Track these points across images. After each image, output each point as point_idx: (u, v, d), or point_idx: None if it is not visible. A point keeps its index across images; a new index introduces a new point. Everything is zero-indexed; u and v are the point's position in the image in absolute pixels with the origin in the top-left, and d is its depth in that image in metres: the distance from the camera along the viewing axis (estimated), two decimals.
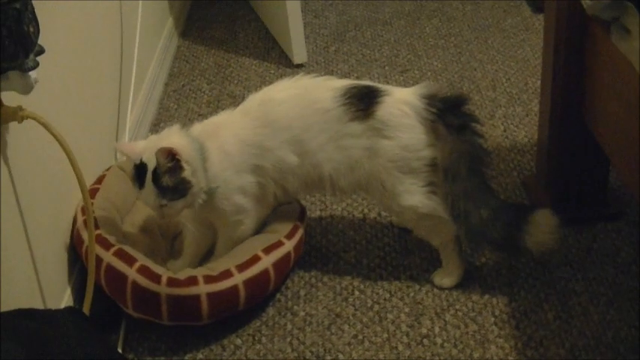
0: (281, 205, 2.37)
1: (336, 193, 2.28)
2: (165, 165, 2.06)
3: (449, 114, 2.16)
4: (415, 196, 2.19)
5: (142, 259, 2.16)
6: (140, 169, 2.10)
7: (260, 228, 2.32)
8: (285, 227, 2.31)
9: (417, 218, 2.24)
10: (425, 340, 2.16)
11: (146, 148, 2.12)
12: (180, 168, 2.08)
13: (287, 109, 2.19)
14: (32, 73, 1.74)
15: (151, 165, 2.08)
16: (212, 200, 2.19)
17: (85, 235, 2.17)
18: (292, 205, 2.40)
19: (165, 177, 2.07)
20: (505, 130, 2.98)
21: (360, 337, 2.19)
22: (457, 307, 2.25)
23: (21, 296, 1.88)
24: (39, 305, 1.99)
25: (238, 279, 2.13)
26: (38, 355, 1.44)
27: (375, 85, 2.25)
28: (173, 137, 2.15)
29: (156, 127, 3.20)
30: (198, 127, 2.23)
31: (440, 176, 2.18)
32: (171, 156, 2.06)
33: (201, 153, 2.14)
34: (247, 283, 2.14)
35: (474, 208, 2.16)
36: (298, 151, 2.19)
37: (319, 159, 2.20)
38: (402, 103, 2.16)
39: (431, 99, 2.16)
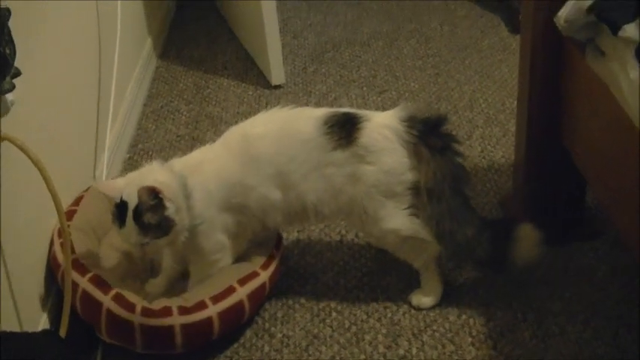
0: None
1: (318, 220, 2.28)
2: (148, 203, 2.04)
3: (430, 135, 2.16)
4: (397, 220, 2.20)
5: (117, 287, 2.15)
6: (121, 208, 2.07)
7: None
8: (261, 257, 2.30)
9: (400, 241, 2.24)
10: None
11: (126, 185, 2.09)
12: (163, 206, 2.06)
13: (268, 144, 2.17)
14: (8, 96, 1.74)
15: (132, 203, 2.05)
16: (193, 237, 2.18)
17: (61, 259, 2.16)
18: (268, 232, 2.37)
19: (148, 215, 2.05)
20: (482, 151, 2.99)
21: (338, 358, 2.18)
22: (434, 327, 2.25)
23: None
24: (15, 328, 1.98)
25: (212, 310, 2.12)
26: None
27: (354, 111, 2.24)
28: (156, 174, 2.12)
29: (134, 147, 3.19)
30: (179, 163, 2.21)
31: (422, 198, 2.18)
32: (154, 194, 2.04)
33: (184, 190, 2.12)
34: (222, 314, 2.14)
35: (458, 227, 2.17)
36: (282, 185, 2.18)
37: (303, 189, 2.19)
38: (383, 127, 2.16)
39: (411, 121, 2.17)
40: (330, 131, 2.16)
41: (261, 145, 2.17)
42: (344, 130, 2.16)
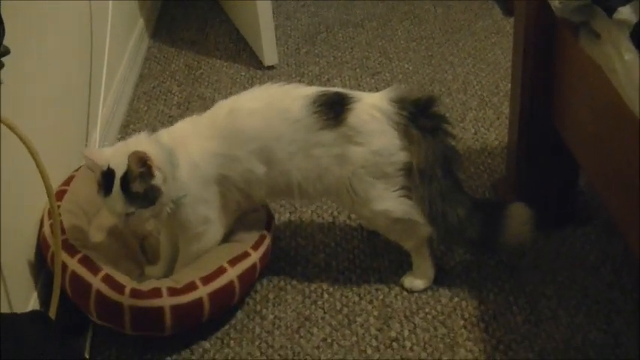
0: (248, 213, 2.35)
1: (303, 199, 2.27)
2: (137, 170, 2.03)
3: (421, 116, 2.15)
4: (388, 201, 2.19)
5: (106, 268, 2.14)
6: (107, 176, 2.05)
7: (226, 236, 2.30)
8: (252, 237, 2.29)
9: (391, 222, 2.23)
10: (394, 344, 2.16)
11: (114, 154, 2.08)
12: (151, 175, 2.04)
13: (255, 120, 2.16)
14: None
15: (119, 171, 2.04)
16: (177, 210, 2.16)
17: (51, 240, 2.15)
18: (259, 213, 2.38)
19: (136, 183, 2.03)
20: (476, 133, 2.99)
21: (329, 340, 2.18)
22: (426, 310, 2.25)
23: None
24: (5, 309, 1.97)
25: (203, 292, 2.11)
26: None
27: (345, 91, 2.23)
28: (143, 144, 2.10)
29: (126, 128, 3.18)
30: (165, 134, 2.20)
31: (414, 179, 2.18)
32: (143, 162, 2.03)
33: (170, 161, 2.11)
34: (212, 295, 2.13)
35: (450, 208, 2.17)
36: (266, 161, 2.17)
37: (288, 168, 2.18)
38: (373, 108, 2.15)
39: (401, 102, 2.16)
40: (318, 111, 2.14)
41: (247, 120, 2.16)
42: (332, 110, 2.15)
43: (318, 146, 2.16)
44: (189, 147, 2.16)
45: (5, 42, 1.74)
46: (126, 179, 2.03)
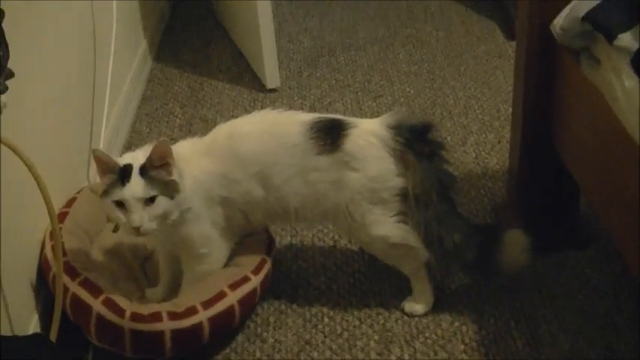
0: (248, 237, 2.35)
1: (301, 223, 2.28)
2: (156, 163, 2.03)
3: (417, 142, 2.16)
4: (385, 226, 2.19)
5: (107, 291, 2.14)
6: (124, 170, 2.02)
7: (227, 260, 2.30)
8: (252, 261, 2.29)
9: (388, 248, 2.23)
10: None
11: (125, 158, 2.09)
12: (169, 172, 2.05)
13: (253, 144, 2.17)
14: (1, 97, 1.73)
15: (137, 162, 2.03)
16: (182, 227, 2.16)
17: (52, 262, 2.16)
18: (260, 236, 2.38)
19: (155, 171, 2.03)
20: (477, 157, 2.99)
21: None
22: (426, 334, 2.25)
23: None
24: (6, 331, 1.97)
25: (203, 316, 2.11)
26: None
27: (342, 117, 2.24)
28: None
29: (128, 150, 3.17)
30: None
31: (410, 204, 2.18)
32: (163, 156, 2.03)
33: (179, 169, 2.10)
34: (212, 319, 2.12)
35: (446, 233, 2.17)
36: (264, 185, 2.18)
37: (285, 193, 2.19)
38: (369, 134, 2.16)
39: (398, 128, 2.16)
40: (315, 136, 2.15)
41: (245, 145, 2.17)
42: (329, 135, 2.16)
43: (314, 171, 2.16)
44: (192, 164, 2.16)
45: (9, 65, 1.75)
46: (144, 168, 2.03)
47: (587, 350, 2.15)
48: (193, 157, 2.19)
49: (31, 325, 2.13)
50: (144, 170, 2.03)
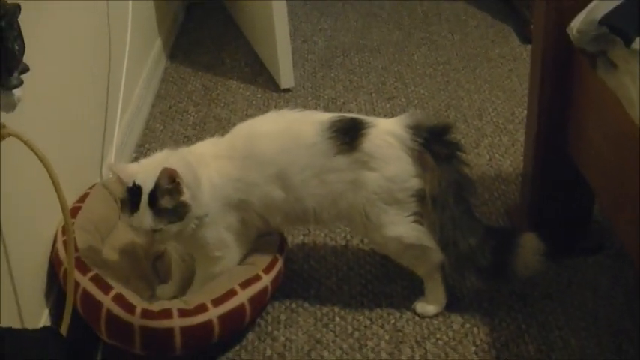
0: (261, 236, 2.34)
1: (318, 224, 2.28)
2: (165, 187, 2.03)
3: (435, 143, 2.15)
4: (400, 227, 2.19)
5: (118, 287, 2.14)
6: (133, 193, 2.05)
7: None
8: (264, 260, 2.29)
9: (403, 248, 2.23)
10: None
11: (139, 171, 2.08)
12: (180, 191, 2.05)
13: (272, 144, 2.16)
14: (16, 91, 1.73)
15: (147, 187, 2.04)
16: (199, 230, 2.16)
17: (63, 257, 2.16)
18: (272, 236, 2.37)
19: (165, 199, 2.04)
20: (490, 160, 2.99)
21: None
22: (438, 335, 2.24)
23: None
24: (17, 324, 1.97)
25: (213, 313, 2.11)
26: None
27: (360, 117, 2.23)
28: (171, 160, 2.10)
29: (141, 147, 3.19)
30: (188, 152, 2.20)
31: (426, 206, 2.18)
32: (172, 179, 2.03)
33: (195, 179, 2.11)
34: (222, 317, 2.12)
35: (461, 236, 2.16)
36: (282, 186, 2.18)
37: (303, 194, 2.18)
38: (388, 134, 2.15)
39: (416, 129, 2.16)
40: (333, 136, 2.15)
41: (263, 145, 2.16)
42: (348, 135, 2.15)
43: (332, 172, 2.16)
44: (210, 168, 2.16)
45: (24, 60, 1.75)
46: (154, 195, 2.03)
47: (598, 355, 2.15)
48: (212, 159, 2.18)
49: (41, 319, 2.13)
50: (153, 199, 2.03)
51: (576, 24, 2.04)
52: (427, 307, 2.31)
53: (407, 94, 3.51)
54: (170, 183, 2.03)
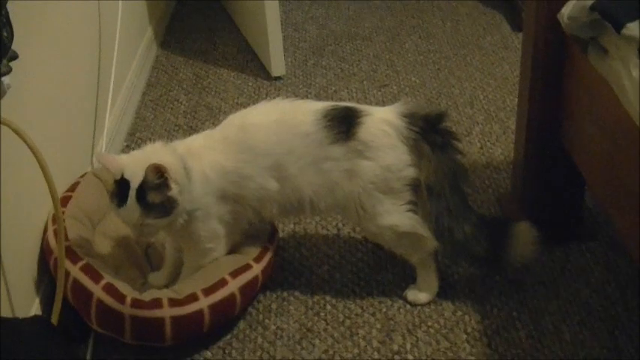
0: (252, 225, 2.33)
1: (314, 214, 2.27)
2: (153, 182, 2.02)
3: (431, 132, 2.15)
4: (395, 216, 2.18)
5: (108, 277, 2.13)
6: (122, 186, 2.05)
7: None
8: (254, 249, 2.29)
9: (397, 237, 2.22)
10: (396, 357, 2.15)
11: (129, 163, 2.07)
12: (168, 186, 2.04)
13: (267, 135, 2.15)
14: (5, 79, 1.73)
15: (135, 181, 2.03)
16: (190, 223, 2.16)
17: (54, 246, 2.15)
18: (263, 225, 2.36)
19: (152, 194, 2.03)
20: (482, 148, 2.98)
21: (331, 352, 2.17)
22: (429, 323, 2.24)
23: None
24: (7, 313, 1.97)
25: (204, 303, 2.11)
26: None
27: (355, 105, 2.22)
28: (160, 154, 2.10)
29: (132, 136, 3.18)
30: (181, 145, 2.19)
31: (421, 195, 2.17)
32: (160, 173, 2.02)
33: (186, 173, 2.10)
34: (213, 307, 2.12)
35: (457, 224, 2.16)
36: (278, 177, 2.16)
37: (299, 183, 2.17)
38: (383, 122, 2.14)
39: (412, 117, 2.15)
40: (329, 125, 2.14)
41: (258, 136, 2.15)
42: (343, 124, 2.14)
43: (328, 160, 2.15)
44: (203, 161, 2.15)
45: (13, 47, 1.75)
46: (142, 190, 2.03)
47: (590, 342, 2.15)
48: (204, 152, 2.17)
49: (32, 309, 2.13)
50: (141, 193, 2.03)
51: (567, 10, 2.03)
52: (419, 294, 2.31)
53: (398, 82, 3.50)
54: (158, 178, 2.02)
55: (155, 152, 2.11)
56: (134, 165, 2.05)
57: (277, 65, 3.57)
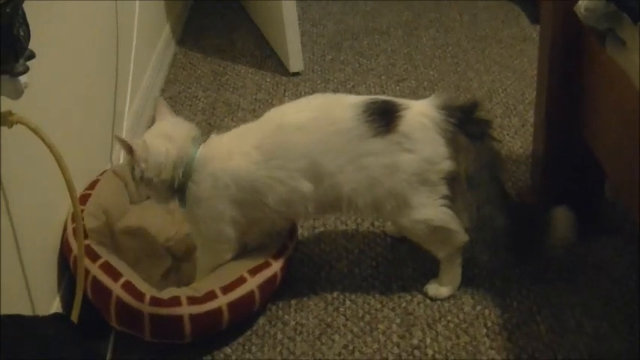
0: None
1: (350, 212, 2.26)
2: (132, 159, 2.16)
3: (468, 123, 2.15)
4: (429, 209, 2.18)
5: (127, 275, 2.14)
6: None
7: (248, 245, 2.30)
8: (274, 246, 2.29)
9: (429, 232, 2.21)
10: (416, 352, 2.14)
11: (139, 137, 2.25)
12: (137, 164, 2.15)
13: (305, 135, 2.13)
14: (22, 78, 1.72)
15: None
16: (190, 222, 2.25)
17: (73, 244, 2.16)
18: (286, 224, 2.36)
19: (135, 170, 2.17)
20: (501, 141, 2.95)
21: (351, 347, 2.17)
22: (449, 318, 2.24)
23: (10, 302, 1.86)
24: (28, 312, 1.98)
25: (222, 301, 2.11)
26: None
27: (392, 99, 2.22)
28: (149, 135, 2.22)
29: None
30: (215, 141, 2.24)
31: (461, 186, 2.18)
32: (129, 152, 2.15)
33: (175, 161, 2.16)
34: (231, 305, 2.12)
35: (499, 213, 2.16)
36: (314, 176, 2.15)
37: (338, 180, 2.15)
38: (422, 115, 2.14)
39: (448, 109, 2.15)
40: (370, 119, 2.12)
41: (294, 137, 2.13)
42: (383, 118, 2.13)
43: (368, 155, 2.13)
44: (226, 165, 2.16)
45: (31, 46, 1.75)
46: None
47: (611, 336, 2.14)
48: (234, 157, 2.17)
49: (52, 306, 2.13)
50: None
51: (584, 2, 2.02)
52: (440, 289, 2.30)
53: (416, 76, 3.50)
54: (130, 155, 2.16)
55: (149, 133, 2.25)
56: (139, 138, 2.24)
57: (295, 61, 3.57)
